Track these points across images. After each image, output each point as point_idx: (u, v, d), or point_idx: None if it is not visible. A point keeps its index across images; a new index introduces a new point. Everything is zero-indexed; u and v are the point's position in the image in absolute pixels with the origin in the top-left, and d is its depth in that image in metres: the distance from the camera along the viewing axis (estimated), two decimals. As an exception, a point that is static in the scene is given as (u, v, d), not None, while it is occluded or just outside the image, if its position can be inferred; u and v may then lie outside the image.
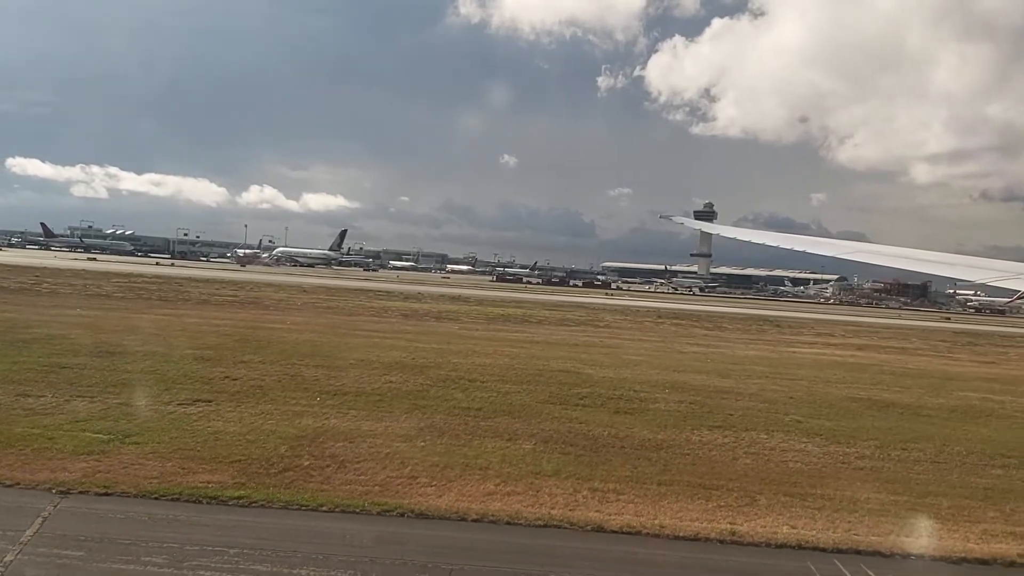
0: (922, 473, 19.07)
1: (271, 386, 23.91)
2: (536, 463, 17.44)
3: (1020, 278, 9.86)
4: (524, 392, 25.82)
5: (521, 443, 19.21)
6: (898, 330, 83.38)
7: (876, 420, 25.19)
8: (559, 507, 14.61)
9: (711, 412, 24.61)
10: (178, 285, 72.70)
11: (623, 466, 17.82)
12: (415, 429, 19.82)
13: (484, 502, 14.57)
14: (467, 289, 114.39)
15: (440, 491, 15.09)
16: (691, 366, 36.21)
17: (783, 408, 26.09)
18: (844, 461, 19.75)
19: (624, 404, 25.02)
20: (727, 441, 20.97)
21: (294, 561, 11.09)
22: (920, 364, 45.76)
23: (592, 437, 20.31)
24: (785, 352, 48.20)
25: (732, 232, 18.50)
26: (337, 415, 20.78)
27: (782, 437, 21.84)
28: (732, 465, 18.74)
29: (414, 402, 22.99)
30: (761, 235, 17.31)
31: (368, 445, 18.02)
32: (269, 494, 14.08)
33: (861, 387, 32.49)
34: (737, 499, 15.95)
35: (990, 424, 25.91)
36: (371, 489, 14.90)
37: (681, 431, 21.70)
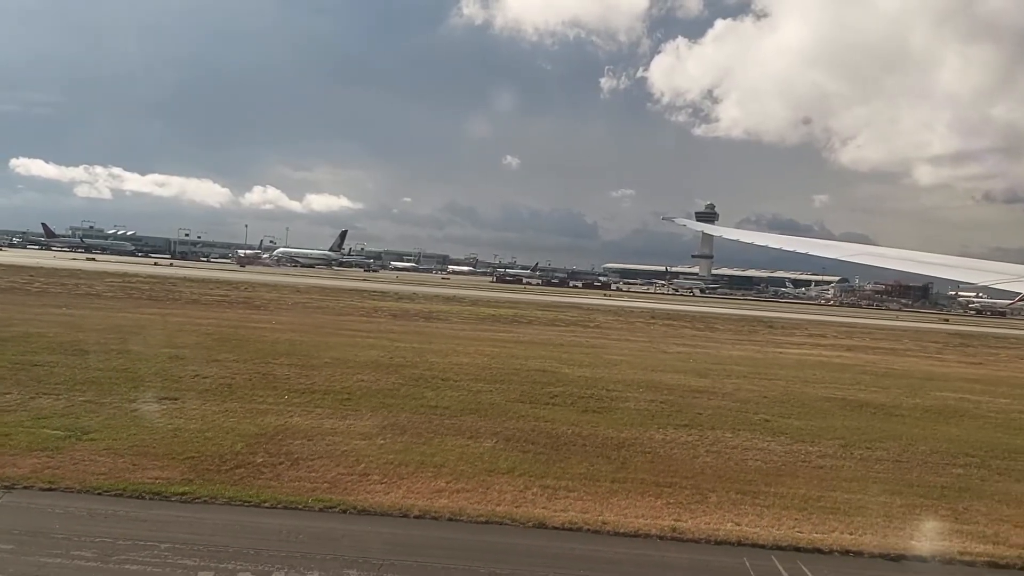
0: (882, 472, 19.07)
1: (240, 384, 23.99)
2: (493, 461, 17.49)
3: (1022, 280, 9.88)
4: (496, 391, 25.85)
5: (482, 441, 19.25)
6: (892, 331, 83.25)
7: (847, 420, 25.17)
8: (505, 504, 14.66)
9: (680, 411, 24.62)
10: (172, 285, 72.91)
11: (580, 464, 17.85)
12: (377, 427, 19.87)
13: (431, 499, 14.62)
14: (464, 290, 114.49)
15: (389, 488, 15.15)
16: (672, 366, 36.23)
17: (754, 407, 26.09)
18: (805, 460, 19.76)
19: (594, 403, 25.03)
20: (691, 439, 20.99)
21: (224, 556, 11.16)
22: (906, 365, 45.69)
23: (555, 435, 20.32)
24: (771, 352, 48.18)
25: (734, 234, 18.52)
26: (301, 413, 20.84)
27: (747, 436, 21.84)
28: (691, 463, 18.77)
29: (382, 400, 23.04)
30: (763, 237, 17.31)
31: (326, 443, 18.08)
32: (214, 490, 14.14)
33: (839, 387, 32.47)
34: (688, 496, 15.97)
35: (962, 424, 25.88)
36: (319, 486, 14.95)
37: (646, 430, 21.71)
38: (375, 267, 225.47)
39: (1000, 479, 19.07)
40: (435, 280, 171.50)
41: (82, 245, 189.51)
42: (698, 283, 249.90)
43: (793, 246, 15.57)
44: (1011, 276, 10.16)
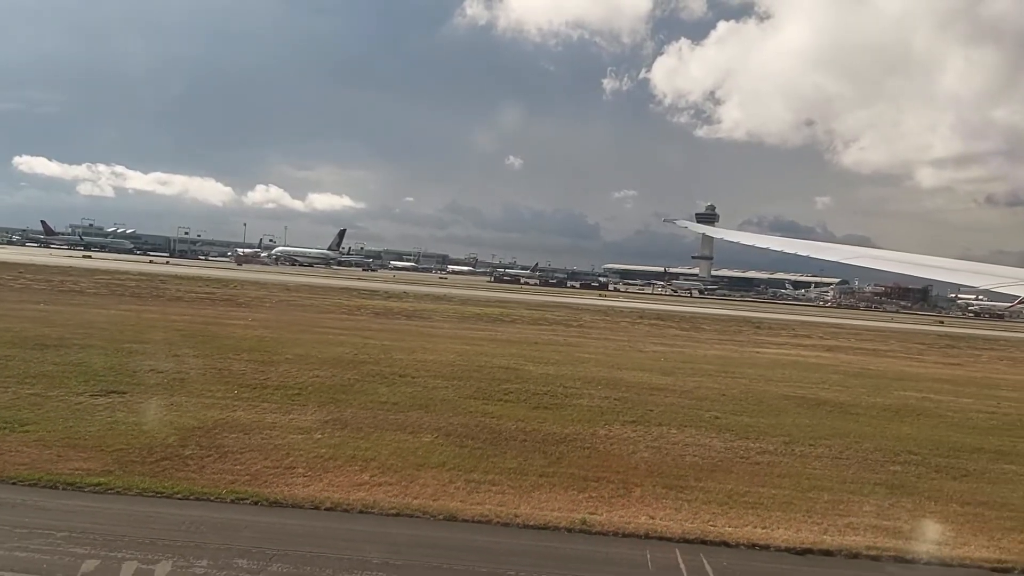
0: (819, 468, 19.12)
1: (194, 379, 24.14)
2: (426, 455, 17.58)
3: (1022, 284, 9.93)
4: (452, 387, 25.95)
5: (422, 436, 19.36)
6: (882, 333, 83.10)
7: (800, 417, 25.22)
8: (423, 497, 14.76)
9: (633, 408, 24.69)
10: (161, 282, 73.14)
11: (514, 459, 17.95)
12: (319, 422, 19.98)
13: (349, 492, 14.72)
14: (459, 289, 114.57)
15: (310, 481, 15.26)
16: (640, 364, 36.29)
17: (709, 405, 26.16)
18: (743, 456, 19.82)
19: (548, 400, 25.11)
20: (634, 435, 21.07)
21: (117, 545, 11.28)
22: (882, 365, 45.67)
23: (498, 431, 20.41)
24: (748, 352, 48.19)
25: (735, 236, 18.52)
26: (247, 408, 20.97)
27: (692, 432, 21.90)
28: (628, 458, 18.85)
29: (332, 396, 23.15)
30: (764, 239, 17.33)
31: (262, 437, 18.19)
32: (130, 482, 14.27)
33: (803, 386, 32.49)
34: (613, 491, 16.05)
35: (917, 422, 25.92)
36: (239, 479, 15.06)
37: (593, 426, 21.79)
38: (374, 266, 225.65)
39: (936, 476, 19.10)
40: (432, 280, 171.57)
41: (81, 243, 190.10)
42: (697, 284, 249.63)
43: (794, 248, 15.60)
44: (1012, 279, 10.20)
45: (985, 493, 17.87)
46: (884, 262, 12.93)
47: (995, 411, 29.34)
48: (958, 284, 12.85)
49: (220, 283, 79.00)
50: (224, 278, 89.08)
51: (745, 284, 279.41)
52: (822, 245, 16.49)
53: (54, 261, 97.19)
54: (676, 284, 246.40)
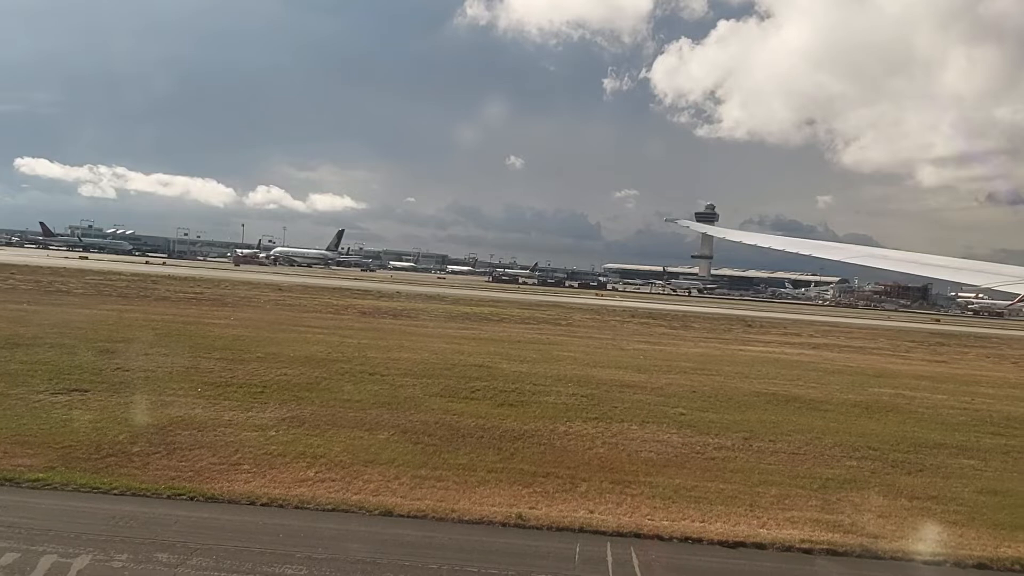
0: (773, 463, 19.14)
1: (160, 377, 24.20)
2: (377, 452, 17.63)
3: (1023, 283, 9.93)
4: (419, 385, 25.99)
5: (378, 433, 19.39)
6: (874, 331, 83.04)
7: (766, 414, 25.22)
8: (364, 493, 14.80)
9: (598, 405, 24.72)
10: (152, 283, 73.25)
11: (466, 455, 17.99)
12: (277, 419, 20.04)
13: (289, 488, 14.76)
14: (455, 289, 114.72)
15: (253, 477, 15.29)
16: (617, 362, 36.29)
17: (676, 401, 26.17)
18: (700, 451, 19.84)
19: (514, 397, 25.14)
20: (594, 432, 21.09)
21: (41, 540, 11.31)
22: (864, 362, 45.65)
23: (456, 428, 20.45)
24: (730, 350, 48.17)
25: (737, 236, 18.54)
26: (206, 405, 21.01)
27: (653, 428, 21.93)
28: (582, 454, 18.88)
29: (296, 394, 23.19)
30: (765, 239, 17.32)
31: (216, 434, 18.24)
32: (70, 478, 14.32)
33: (778, 383, 32.49)
34: (559, 486, 16.08)
35: (884, 418, 25.92)
36: (182, 475, 15.10)
37: (554, 422, 21.81)
38: (373, 267, 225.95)
39: (891, 471, 19.12)
40: (430, 280, 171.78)
41: (80, 244, 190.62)
42: (696, 283, 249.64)
43: (796, 248, 15.60)
44: (1013, 278, 10.19)
45: (937, 488, 17.87)
46: (887, 261, 12.92)
47: (967, 407, 29.32)
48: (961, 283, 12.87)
49: (212, 283, 79.13)
50: (217, 278, 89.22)
51: (745, 283, 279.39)
52: (825, 244, 16.47)
53: (49, 262, 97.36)
54: (675, 283, 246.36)
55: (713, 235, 45.71)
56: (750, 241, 17.06)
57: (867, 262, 12.86)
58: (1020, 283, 9.98)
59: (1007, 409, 29.61)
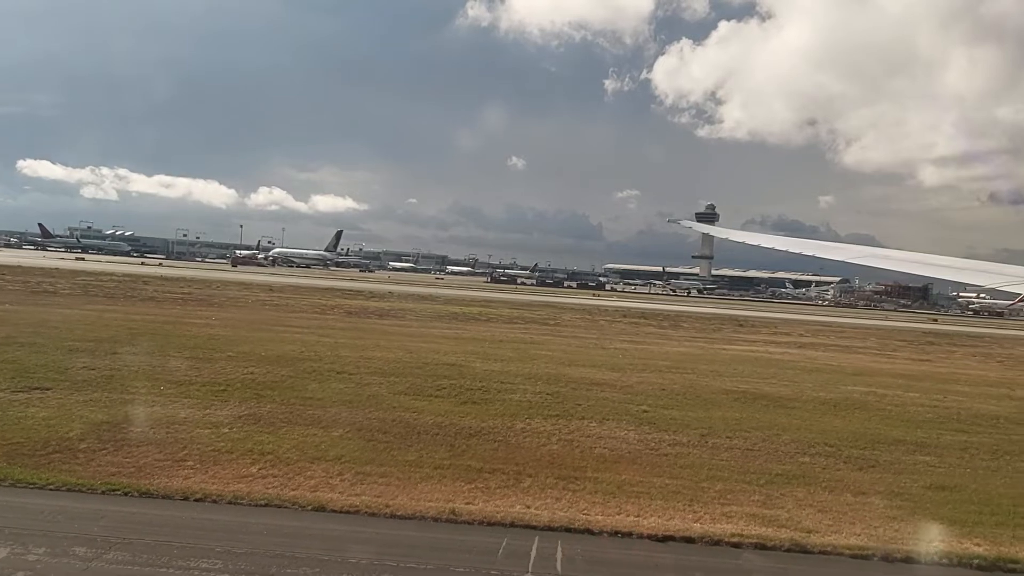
0: (725, 460, 19.16)
1: (125, 376, 24.30)
2: (326, 449, 17.68)
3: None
4: (386, 383, 26.05)
5: (332, 431, 19.44)
6: (867, 330, 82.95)
7: (732, 411, 25.24)
8: (302, 488, 14.86)
9: (563, 402, 24.75)
10: (143, 283, 73.47)
11: (417, 451, 18.05)
12: (232, 417, 20.11)
13: (227, 484, 14.82)
14: (450, 290, 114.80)
15: (195, 474, 15.36)
16: (594, 361, 36.31)
17: (642, 399, 26.20)
18: (654, 448, 19.87)
19: (479, 395, 25.20)
20: (552, 429, 21.12)
21: (-41, 533, 11.38)
22: (845, 361, 45.62)
23: (413, 425, 20.50)
24: (713, 349, 48.18)
25: (739, 236, 18.52)
26: (166, 403, 21.11)
27: (612, 425, 21.97)
28: (535, 451, 18.92)
29: (258, 392, 23.28)
30: (768, 239, 17.30)
31: (167, 431, 18.31)
32: (9, 473, 14.41)
33: (751, 381, 32.49)
34: (502, 481, 16.12)
35: (850, 415, 25.91)
36: (123, 471, 15.17)
37: (513, 420, 21.86)
38: (372, 267, 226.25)
39: (843, 467, 19.14)
40: (427, 280, 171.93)
41: (78, 245, 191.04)
42: (696, 284, 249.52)
43: (798, 248, 15.59)
44: (1016, 278, 10.19)
45: (886, 483, 17.89)
46: (890, 261, 12.91)
47: (937, 405, 29.30)
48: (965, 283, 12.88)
49: (203, 284, 79.30)
50: (211, 279, 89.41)
51: (745, 283, 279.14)
52: (827, 245, 16.45)
53: (44, 263, 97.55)
54: (675, 284, 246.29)
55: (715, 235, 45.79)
56: (752, 242, 17.04)
57: (870, 262, 12.85)
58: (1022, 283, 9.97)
59: (977, 407, 29.58)
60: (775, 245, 16.46)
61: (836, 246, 15.56)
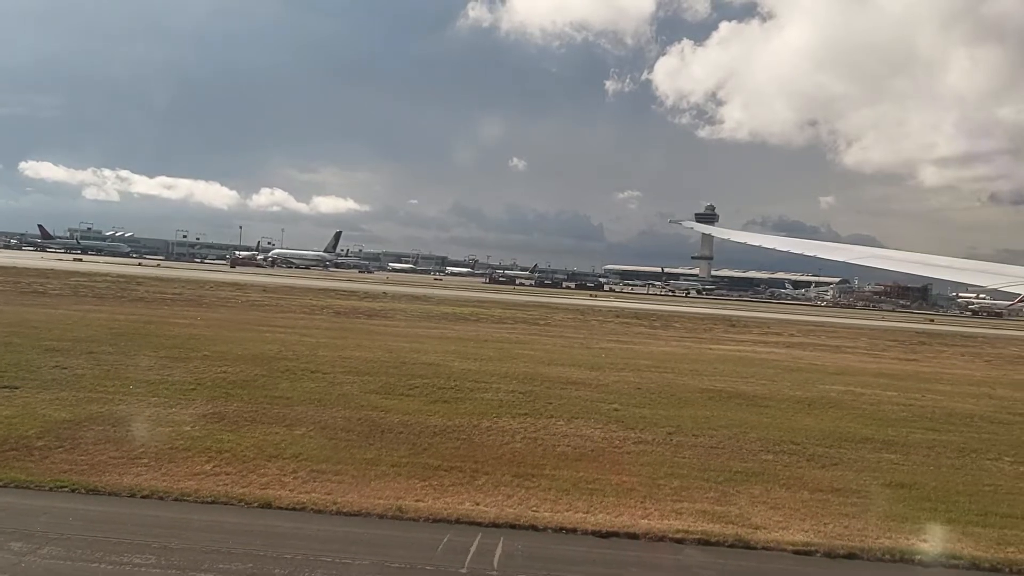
0: (688, 457, 19.16)
1: (94, 375, 24.36)
2: (286, 447, 17.69)
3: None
4: (359, 382, 26.09)
5: (296, 429, 19.47)
6: (859, 330, 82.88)
7: (704, 410, 25.25)
8: (252, 486, 14.87)
9: (534, 401, 24.77)
10: (137, 284, 73.63)
11: (377, 449, 18.09)
12: (197, 416, 20.13)
13: (178, 481, 14.84)
14: (447, 290, 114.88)
15: (147, 471, 15.38)
16: (576, 360, 36.32)
17: (616, 398, 26.22)
18: (618, 446, 19.88)
19: (451, 394, 25.22)
20: (518, 427, 21.14)
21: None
22: (830, 361, 45.60)
23: (378, 423, 20.52)
24: (699, 348, 48.18)
25: (741, 236, 18.49)
26: (131, 402, 21.17)
27: (580, 424, 21.99)
28: (496, 449, 18.92)
29: (227, 391, 23.32)
30: (770, 240, 17.28)
31: (128, 429, 18.44)
32: (-43, 470, 14.41)
33: (730, 380, 32.49)
34: (456, 479, 16.14)
35: (823, 414, 25.91)
36: (75, 468, 15.20)
37: (481, 418, 21.88)
38: (371, 268, 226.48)
39: (805, 465, 19.14)
40: (426, 281, 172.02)
41: (78, 247, 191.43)
42: (695, 284, 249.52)
43: (799, 249, 15.55)
44: (1018, 278, 10.18)
45: (845, 480, 17.89)
46: (892, 262, 12.89)
47: (913, 404, 29.29)
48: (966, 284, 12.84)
49: (197, 284, 79.39)
50: (206, 280, 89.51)
51: (745, 284, 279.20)
52: (829, 245, 16.41)
53: (40, 264, 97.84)
54: (674, 284, 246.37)
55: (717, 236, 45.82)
56: (754, 242, 17.00)
57: (871, 263, 12.82)
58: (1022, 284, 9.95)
59: (954, 405, 29.56)
60: (776, 246, 16.42)
61: (837, 247, 15.49)
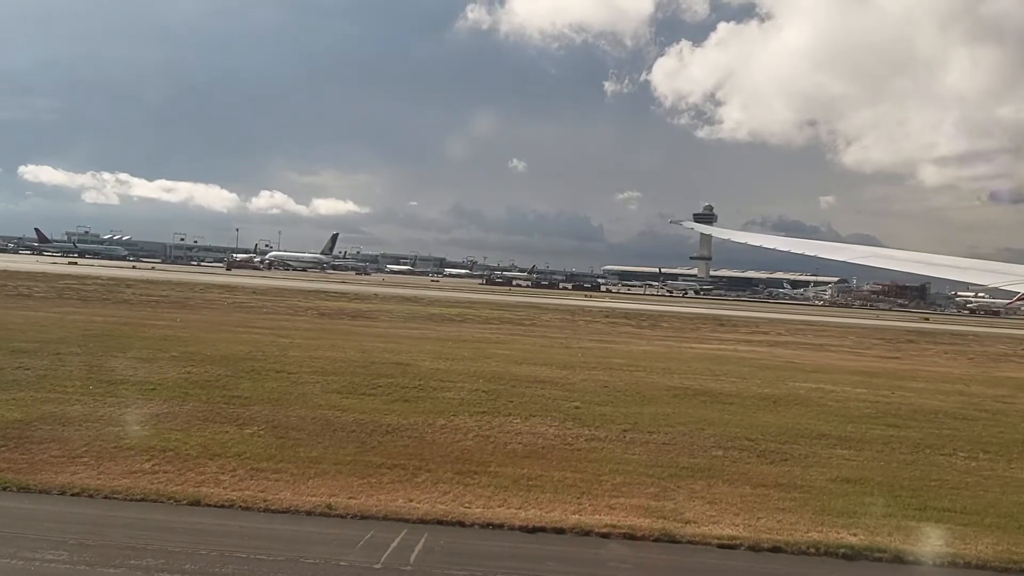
0: (638, 454, 19.20)
1: (57, 376, 24.42)
2: (231, 446, 17.69)
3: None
4: (322, 382, 26.12)
5: (247, 428, 19.49)
6: (849, 329, 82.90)
7: (667, 407, 25.27)
8: (186, 484, 14.90)
9: (496, 400, 24.79)
10: (126, 287, 73.82)
11: (324, 448, 18.09)
12: (149, 415, 20.18)
13: (114, 479, 14.89)
14: (441, 292, 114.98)
15: (85, 469, 15.41)
16: (550, 360, 36.33)
17: (580, 396, 26.25)
18: (569, 443, 19.91)
19: (413, 393, 25.25)
20: (473, 425, 21.16)
21: None
22: (809, 359, 45.64)
23: (332, 423, 20.54)
24: (679, 348, 48.25)
25: (742, 237, 18.44)
26: (87, 402, 21.19)
27: (536, 421, 22.03)
28: (447, 447, 18.95)
29: (186, 391, 23.36)
30: (771, 239, 17.24)
31: (77, 429, 18.39)
32: None
33: (699, 378, 32.55)
34: (397, 476, 16.17)
35: (786, 411, 25.94)
36: (13, 467, 15.25)
37: (438, 417, 21.89)
38: (368, 270, 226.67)
39: (754, 461, 19.18)
40: (422, 282, 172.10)
41: (75, 250, 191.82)
42: (693, 284, 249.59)
43: (800, 248, 15.53)
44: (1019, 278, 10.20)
45: (791, 476, 17.91)
46: (893, 261, 12.86)
47: (880, 401, 29.29)
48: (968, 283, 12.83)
49: (187, 287, 79.49)
50: (197, 282, 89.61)
51: (743, 284, 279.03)
52: (830, 245, 16.39)
53: (32, 268, 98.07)
54: (672, 284, 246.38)
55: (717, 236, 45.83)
56: (754, 242, 16.96)
57: (873, 262, 12.80)
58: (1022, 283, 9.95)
59: (922, 402, 29.58)
60: (777, 246, 16.38)
61: (839, 246, 15.44)
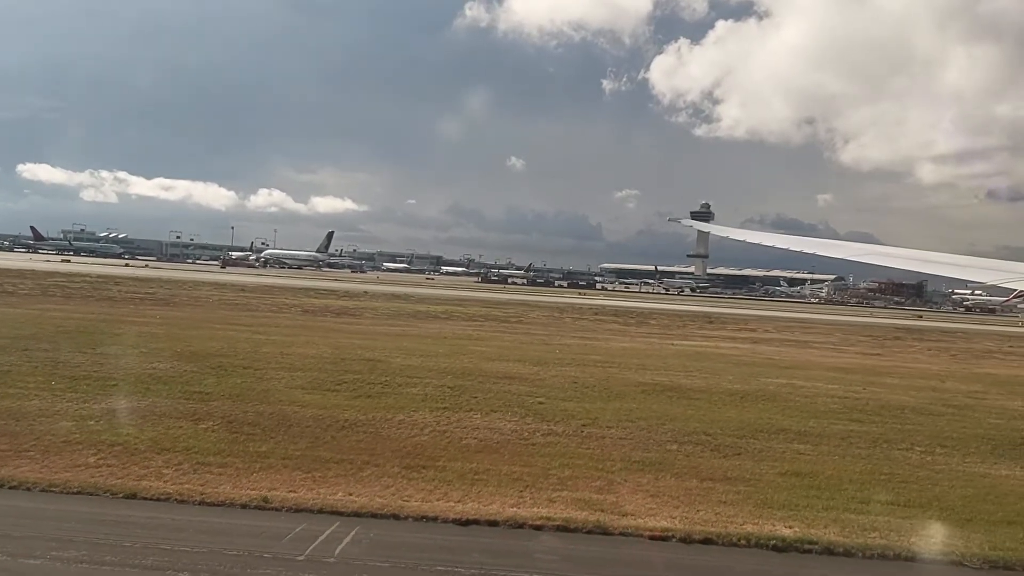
0: (591, 448, 19.23)
1: (22, 371, 24.46)
2: (181, 441, 17.67)
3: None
4: (286, 379, 26.11)
5: (201, 424, 19.48)
6: (837, 326, 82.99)
7: (632, 403, 25.27)
8: (127, 478, 14.93)
9: (459, 395, 24.80)
10: (114, 284, 73.79)
11: (274, 443, 18.09)
12: (105, 411, 20.18)
13: (56, 473, 14.90)
14: (434, 289, 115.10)
15: (29, 463, 15.45)
16: (526, 356, 36.30)
17: (545, 392, 26.25)
18: (525, 438, 19.93)
19: (377, 389, 25.27)
20: (431, 420, 21.18)
21: None
22: (789, 355, 45.69)
23: (288, 418, 20.52)
24: (660, 345, 48.31)
25: (741, 234, 18.48)
26: (46, 397, 21.19)
27: (496, 417, 22.05)
28: (401, 442, 18.96)
29: (149, 386, 23.38)
30: (769, 237, 17.24)
31: (31, 424, 18.40)
32: None
33: (671, 374, 32.57)
34: (343, 471, 16.19)
35: (751, 407, 25.92)
36: (-45, 460, 15.23)
37: (397, 412, 21.90)
38: (365, 268, 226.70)
39: (707, 455, 19.22)
40: (416, 280, 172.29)
41: (70, 248, 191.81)
42: (689, 282, 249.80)
43: (799, 246, 15.50)
44: (1017, 275, 10.17)
45: (741, 470, 17.94)
46: (892, 259, 12.83)
47: (849, 396, 29.29)
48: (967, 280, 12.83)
49: (175, 284, 79.52)
50: (188, 280, 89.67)
51: (741, 282, 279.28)
52: (829, 243, 16.38)
53: (24, 265, 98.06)
54: (668, 282, 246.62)
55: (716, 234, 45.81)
56: (753, 240, 16.94)
57: (872, 260, 12.77)
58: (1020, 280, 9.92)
59: (891, 398, 29.60)
60: (776, 243, 16.37)
61: (838, 244, 15.40)
